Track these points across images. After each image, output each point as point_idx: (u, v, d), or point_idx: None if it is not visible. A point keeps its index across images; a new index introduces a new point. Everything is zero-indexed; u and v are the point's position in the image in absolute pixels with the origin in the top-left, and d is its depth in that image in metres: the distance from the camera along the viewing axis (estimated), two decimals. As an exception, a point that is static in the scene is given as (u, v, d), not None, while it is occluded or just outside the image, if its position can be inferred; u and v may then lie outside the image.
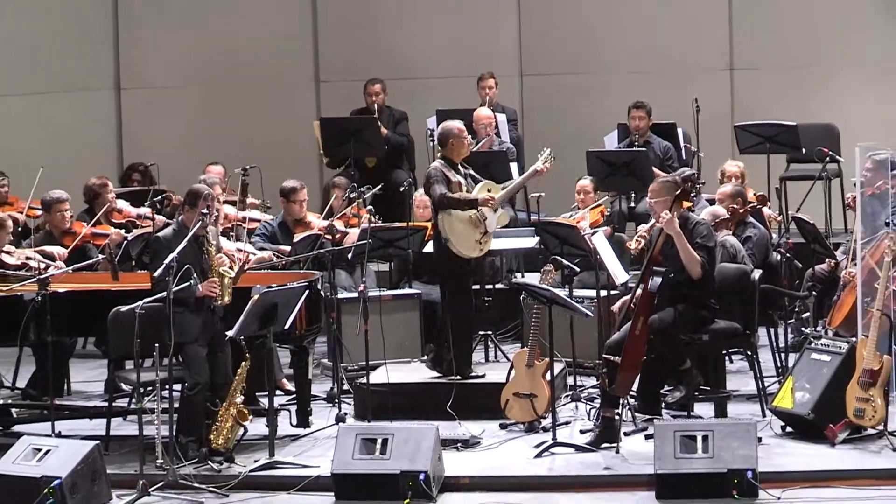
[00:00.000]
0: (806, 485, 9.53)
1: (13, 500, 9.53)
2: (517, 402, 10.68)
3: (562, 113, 15.66)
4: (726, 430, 9.63)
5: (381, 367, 11.20)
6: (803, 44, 15.78)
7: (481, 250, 11.14)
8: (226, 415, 10.09)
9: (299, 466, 10.01)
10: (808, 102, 15.14)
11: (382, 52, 15.99)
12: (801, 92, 15.45)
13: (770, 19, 15.86)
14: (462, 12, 16.16)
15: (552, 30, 16.16)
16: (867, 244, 11.03)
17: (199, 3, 16.22)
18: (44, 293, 10.71)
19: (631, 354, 10.26)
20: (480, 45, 15.96)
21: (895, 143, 11.88)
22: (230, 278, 10.19)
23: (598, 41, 16.06)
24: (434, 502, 9.49)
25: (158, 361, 9.83)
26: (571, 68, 16.07)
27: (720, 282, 10.71)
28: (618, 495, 9.55)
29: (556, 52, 16.17)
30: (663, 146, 13.92)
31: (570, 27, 16.11)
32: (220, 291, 10.12)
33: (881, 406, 10.13)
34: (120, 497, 9.62)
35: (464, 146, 11.21)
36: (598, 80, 15.80)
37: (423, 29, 16.16)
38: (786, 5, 15.81)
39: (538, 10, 16.16)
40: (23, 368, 11.98)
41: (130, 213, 13.35)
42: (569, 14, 16.10)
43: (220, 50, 16.21)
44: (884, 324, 10.32)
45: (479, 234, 11.03)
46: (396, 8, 16.22)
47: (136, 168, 14.96)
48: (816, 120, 14.47)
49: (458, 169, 11.13)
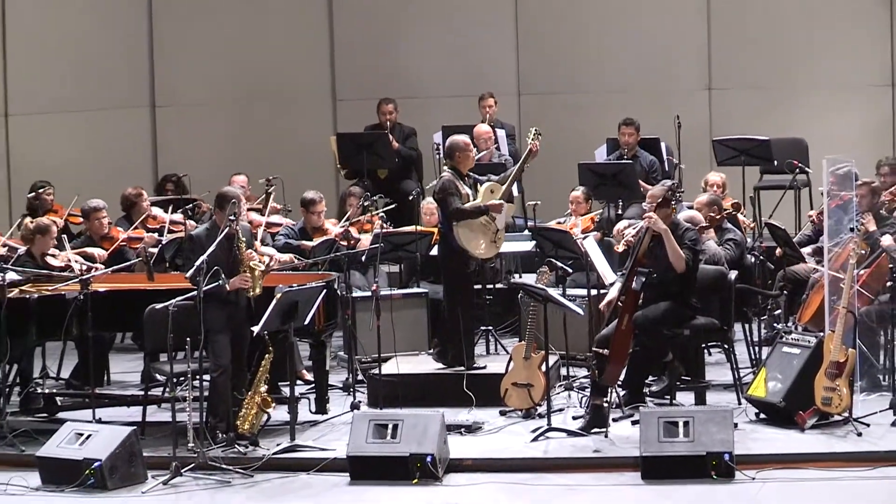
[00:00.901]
0: (778, 466, 9.52)
1: (58, 480, 9.54)
2: (515, 391, 10.68)
3: (555, 129, 15.58)
4: (705, 417, 9.63)
5: (392, 359, 11.24)
6: (775, 66, 15.76)
7: (498, 247, 11.17)
8: (251, 402, 10.09)
9: (318, 449, 9.99)
10: (779, 119, 15.13)
11: (392, 73, 15.98)
12: (773, 109, 15.44)
13: (744, 44, 15.85)
14: (465, 38, 16.14)
15: (547, 54, 16.15)
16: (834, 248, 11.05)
17: (226, 29, 16.21)
18: (85, 292, 10.73)
19: (618, 348, 10.27)
20: (482, 68, 15.95)
21: (858, 157, 11.94)
22: (260, 271, 10.19)
23: (589, 64, 16.05)
24: (440, 482, 9.49)
25: (189, 354, 9.83)
26: (564, 88, 16.06)
27: (700, 282, 10.72)
28: (606, 476, 9.53)
29: (550, 74, 16.16)
30: (649, 160, 13.92)
31: (563, 52, 16.10)
32: (252, 283, 10.12)
33: (846, 395, 10.11)
34: (154, 477, 9.61)
35: (469, 158, 11.23)
36: (589, 100, 15.80)
37: (430, 53, 16.15)
38: (758, 31, 15.79)
39: (534, 37, 16.15)
40: (66, 361, 11.97)
41: (164, 219, 13.37)
42: (562, 40, 16.09)
43: (245, 71, 16.21)
44: (849, 320, 10.30)
45: (492, 233, 11.05)
46: (405, 33, 16.21)
47: (170, 178, 14.96)
48: (787, 135, 14.44)
49: (464, 179, 11.18)
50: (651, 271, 10.46)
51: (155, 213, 13.42)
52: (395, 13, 16.26)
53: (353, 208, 13.13)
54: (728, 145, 14.06)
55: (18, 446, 10.18)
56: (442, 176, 11.25)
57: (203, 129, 16.14)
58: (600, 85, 15.88)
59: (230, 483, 9.56)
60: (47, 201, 13.55)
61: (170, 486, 9.51)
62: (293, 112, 16.09)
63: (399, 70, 16.04)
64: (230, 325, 10.18)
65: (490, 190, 11.06)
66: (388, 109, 14.78)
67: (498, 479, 9.54)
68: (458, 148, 11.21)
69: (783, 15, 15.74)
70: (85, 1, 15.89)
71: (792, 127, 14.81)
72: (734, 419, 9.84)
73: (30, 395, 11.23)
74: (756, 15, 15.82)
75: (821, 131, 14.70)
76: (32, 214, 13.04)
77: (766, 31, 15.79)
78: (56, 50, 15.63)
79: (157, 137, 16.31)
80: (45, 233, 11.71)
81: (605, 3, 16.04)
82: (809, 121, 15.13)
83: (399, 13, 16.26)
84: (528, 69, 16.20)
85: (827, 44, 15.64)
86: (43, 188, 13.61)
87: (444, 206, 11.05)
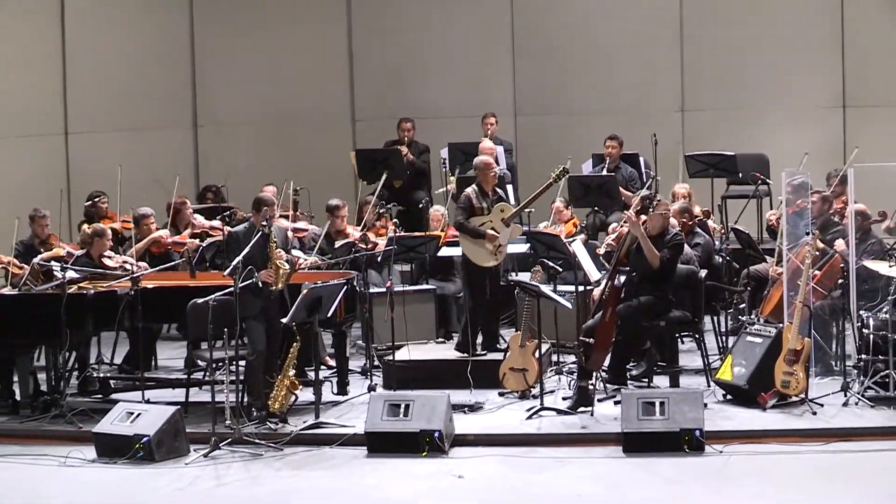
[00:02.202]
0: (743, 441, 9.55)
1: (111, 453, 9.58)
2: (512, 375, 10.69)
3: (547, 145, 15.63)
4: (679, 398, 9.65)
5: (404, 346, 11.22)
6: (739, 91, 15.72)
7: (497, 259, 11.12)
8: (281, 385, 10.08)
9: (339, 426, 10.02)
10: (743, 136, 15.09)
11: (404, 96, 15.93)
12: (738, 128, 15.39)
13: (712, 72, 15.81)
14: (469, 65, 16.09)
15: (539, 80, 16.11)
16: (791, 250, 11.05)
17: (259, 58, 16.19)
18: (136, 289, 10.80)
19: (602, 337, 10.29)
20: (484, 92, 15.91)
21: (812, 170, 11.96)
22: (285, 270, 10.20)
23: (577, 88, 16.02)
24: (446, 454, 9.51)
25: (227, 343, 9.86)
26: (555, 110, 16.03)
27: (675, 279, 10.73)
28: (592, 450, 9.56)
29: (542, 97, 16.13)
30: (629, 172, 13.88)
31: (554, 78, 16.06)
32: (276, 279, 10.12)
33: (803, 378, 10.13)
34: (196, 450, 9.64)
35: (488, 176, 11.21)
36: (577, 120, 15.76)
37: (438, 78, 16.12)
38: (725, 61, 15.75)
39: (529, 65, 16.11)
40: (119, 349, 11.98)
41: (204, 224, 13.39)
42: (553, 68, 16.05)
43: (276, 95, 16.19)
44: (804, 313, 10.30)
45: (494, 247, 11.04)
46: (416, 62, 16.18)
47: (210, 189, 14.97)
48: (750, 150, 14.41)
49: (486, 194, 11.16)
50: (631, 270, 10.48)
51: (197, 219, 13.43)
52: (407, 45, 16.23)
53: (370, 215, 13.12)
54: (698, 160, 14.04)
55: (77, 424, 10.20)
56: (466, 189, 11.27)
57: (238, 145, 16.14)
58: (586, 106, 15.86)
59: (262, 455, 9.59)
60: (102, 209, 13.55)
61: (209, 459, 9.54)
62: (317, 131, 16.07)
63: (410, 93, 16.01)
64: (265, 316, 10.20)
65: (501, 209, 11.09)
66: (406, 127, 14.77)
67: (497, 452, 9.57)
68: (478, 168, 11.34)
69: (747, 46, 15.71)
70: (135, 32, 15.86)
71: (754, 143, 14.78)
72: (704, 400, 9.86)
73: (87, 378, 11.27)
74: (722, 46, 15.79)
75: (780, 147, 14.67)
76: (89, 221, 13.04)
77: (732, 60, 15.76)
78: (110, 76, 15.64)
79: (198, 153, 16.30)
80: (102, 236, 11.72)
81: (591, 36, 15.99)
82: (770, 138, 15.10)
83: (410, 45, 16.23)
84: (524, 93, 16.18)
85: (785, 71, 15.61)
86: (98, 197, 13.61)
87: (455, 216, 11.08)
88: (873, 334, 10.24)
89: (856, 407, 10.09)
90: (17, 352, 10.68)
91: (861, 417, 9.91)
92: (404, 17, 16.24)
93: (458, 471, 9.20)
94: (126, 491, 8.99)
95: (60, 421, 10.31)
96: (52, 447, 9.86)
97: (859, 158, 12.37)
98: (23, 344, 10.71)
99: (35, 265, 11.49)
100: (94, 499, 8.84)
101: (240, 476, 9.23)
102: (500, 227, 11.04)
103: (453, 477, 9.09)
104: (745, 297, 11.98)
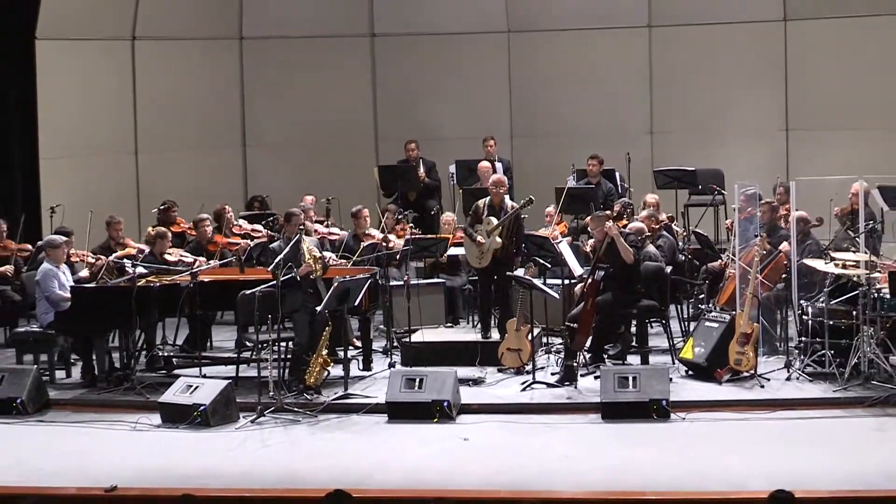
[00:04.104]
0: (702, 410, 9.55)
1: (173, 419, 9.60)
2: (509, 354, 10.68)
3: (539, 162, 15.63)
4: (648, 373, 9.65)
5: (418, 330, 11.24)
6: (700, 115, 15.69)
7: (481, 263, 11.08)
8: (315, 362, 10.08)
9: (364, 397, 10.01)
10: (703, 154, 15.01)
11: (419, 120, 15.92)
12: (699, 147, 15.35)
13: (677, 100, 15.80)
14: (472, 96, 16.08)
15: (533, 108, 16.08)
16: (743, 250, 11.03)
17: (297, 88, 16.15)
18: (194, 282, 10.81)
19: (584, 322, 10.28)
20: (485, 116, 15.89)
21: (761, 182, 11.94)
22: (318, 259, 10.26)
23: (564, 115, 15.97)
24: (453, 421, 9.51)
25: (270, 327, 9.87)
26: (545, 133, 16.00)
27: (644, 275, 10.72)
28: (576, 417, 9.55)
29: (534, 122, 16.11)
30: (608, 187, 13.84)
31: (545, 107, 16.02)
32: (314, 267, 10.17)
33: (752, 357, 10.14)
34: (244, 417, 9.64)
35: (496, 195, 11.10)
36: (563, 141, 15.71)
37: (446, 106, 16.09)
38: (688, 90, 15.72)
39: (522, 95, 16.07)
40: (180, 332, 11.97)
41: (247, 228, 13.39)
42: (544, 98, 16.01)
43: (312, 119, 16.16)
44: (753, 303, 10.32)
45: (480, 252, 11.02)
46: (429, 92, 16.16)
47: (256, 199, 14.92)
48: (709, 166, 14.38)
49: (493, 209, 11.07)
50: (609, 267, 10.47)
51: (241, 223, 13.42)
52: (421, 79, 16.21)
53: (390, 220, 13.12)
54: (665, 174, 14.02)
55: (145, 395, 10.22)
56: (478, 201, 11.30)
57: (280, 162, 16.12)
58: (571, 130, 15.83)
59: (300, 421, 9.59)
60: (171, 216, 13.52)
61: (256, 424, 9.54)
62: (347, 149, 16.05)
63: (423, 119, 16.00)
64: (307, 308, 10.22)
65: (487, 223, 11.06)
66: (411, 147, 14.79)
67: (496, 419, 9.57)
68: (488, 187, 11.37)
69: (706, 79, 15.69)
70: (194, 69, 15.85)
71: (712, 160, 14.73)
72: (670, 375, 9.87)
73: (153, 357, 11.27)
74: (685, 80, 15.78)
75: (733, 164, 14.64)
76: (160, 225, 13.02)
77: (693, 91, 15.75)
78: (173, 105, 15.62)
79: (246, 169, 16.30)
80: (164, 237, 11.75)
81: (575, 71, 15.96)
82: (725, 156, 15.06)
83: (423, 79, 16.21)
84: (519, 119, 16.16)
85: (738, 100, 15.60)
86: (168, 206, 13.58)
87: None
88: (811, 320, 10.21)
89: (797, 381, 10.08)
90: (95, 335, 10.69)
91: (801, 390, 9.90)
92: (419, 56, 16.21)
93: (463, 434, 9.19)
94: (185, 451, 8.99)
95: (131, 393, 10.34)
96: (124, 415, 9.87)
97: (800, 173, 12.34)
98: (100, 328, 10.71)
99: (110, 262, 11.52)
100: (158, 458, 8.83)
101: (281, 439, 9.22)
102: (482, 239, 11.02)
103: (460, 439, 9.09)
104: (704, 289, 11.95)
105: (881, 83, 15.11)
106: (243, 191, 16.03)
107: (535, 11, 16.03)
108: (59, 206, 13.28)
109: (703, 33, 15.63)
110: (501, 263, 11.00)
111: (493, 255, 10.96)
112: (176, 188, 14.40)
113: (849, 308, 10.10)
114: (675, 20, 15.72)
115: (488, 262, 11.01)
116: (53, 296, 10.75)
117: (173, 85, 15.60)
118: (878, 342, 9.88)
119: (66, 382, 10.89)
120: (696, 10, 15.62)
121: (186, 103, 15.71)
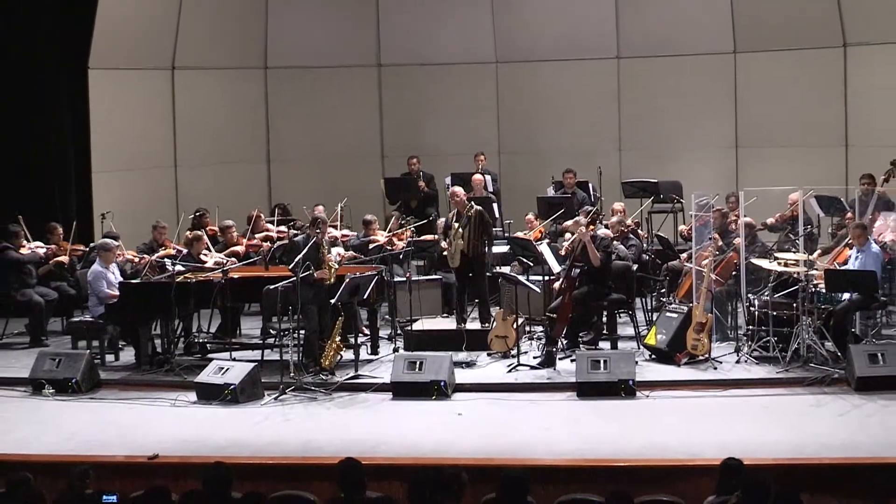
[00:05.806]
0: (664, 389, 9.56)
1: (207, 397, 9.59)
2: (497, 340, 10.67)
3: (523, 175, 15.61)
4: (617, 357, 9.65)
5: (419, 320, 11.24)
6: (661, 134, 15.63)
7: (453, 264, 11.11)
8: (330, 347, 10.08)
9: (372, 377, 10.00)
10: (663, 168, 14.99)
11: (419, 137, 15.87)
12: (660, 162, 15.32)
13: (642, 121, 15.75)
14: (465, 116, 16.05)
15: (518, 127, 16.06)
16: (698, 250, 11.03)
17: (314, 110, 16.14)
18: (225, 278, 10.78)
19: (562, 313, 10.28)
20: (476, 134, 15.85)
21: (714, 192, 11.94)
22: (335, 268, 10.20)
23: (545, 133, 15.94)
24: (449, 398, 9.50)
25: (291, 317, 9.86)
26: (529, 149, 15.96)
27: (614, 272, 10.72)
28: (555, 395, 9.55)
29: (519, 139, 16.05)
30: (581, 196, 13.85)
31: (528, 126, 15.99)
32: (329, 276, 10.13)
33: (707, 343, 10.14)
34: (269, 395, 9.64)
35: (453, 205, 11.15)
36: (544, 157, 15.67)
37: (443, 125, 16.06)
38: (652, 113, 15.68)
39: (509, 114, 16.02)
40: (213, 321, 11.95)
41: (272, 230, 13.37)
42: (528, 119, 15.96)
43: (326, 137, 16.11)
44: (707, 296, 10.33)
45: (452, 251, 11.04)
46: (427, 112, 16.11)
47: (279, 206, 14.79)
48: (669, 178, 14.38)
49: (460, 216, 11.08)
50: (583, 265, 10.46)
51: (268, 226, 13.41)
52: (421, 102, 16.14)
53: (394, 224, 13.11)
54: (631, 185, 14.03)
55: (182, 376, 10.21)
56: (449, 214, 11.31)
57: (299, 175, 16.07)
58: (550, 146, 15.80)
59: (316, 399, 9.59)
60: (205, 221, 13.49)
61: (278, 401, 9.54)
62: (356, 164, 15.99)
63: (422, 136, 15.98)
64: (317, 301, 10.18)
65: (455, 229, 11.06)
66: (413, 161, 14.77)
67: (486, 397, 9.57)
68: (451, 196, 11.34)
69: (666, 103, 15.63)
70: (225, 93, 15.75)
71: (672, 173, 14.74)
72: (636, 358, 9.86)
73: (190, 343, 11.25)
74: (649, 103, 15.72)
75: (690, 176, 14.64)
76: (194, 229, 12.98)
77: (656, 113, 15.70)
78: (206, 125, 15.56)
79: (270, 180, 16.26)
80: (199, 240, 11.74)
81: (555, 96, 15.90)
82: (683, 170, 15.04)
83: (423, 102, 16.15)
84: (506, 136, 16.12)
85: (694, 121, 15.57)
86: (202, 213, 13.55)
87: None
88: (758, 311, 10.23)
89: (745, 364, 10.09)
90: (140, 324, 10.68)
91: (749, 371, 9.91)
92: (419, 83, 16.15)
93: (458, 410, 9.19)
94: (218, 424, 8.98)
95: (171, 374, 10.33)
96: (164, 393, 9.86)
97: (748, 185, 12.35)
98: (144, 318, 10.71)
99: (153, 261, 11.51)
100: (195, 430, 8.82)
101: (300, 414, 9.22)
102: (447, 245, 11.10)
103: (455, 414, 9.09)
104: (665, 285, 11.96)
105: (818, 106, 15.12)
106: (268, 199, 15.99)
107: (520, 45, 16.02)
108: (108, 212, 13.30)
109: (665, 64, 15.62)
110: (474, 261, 11.01)
111: (464, 256, 10.96)
112: (209, 198, 14.37)
113: (790, 301, 10.14)
114: (641, 52, 15.71)
115: (458, 262, 11.04)
116: (101, 294, 10.83)
117: (207, 108, 15.58)
118: (815, 330, 9.93)
119: (114, 365, 10.87)
120: (659, 43, 15.62)
121: (218, 124, 15.68)
